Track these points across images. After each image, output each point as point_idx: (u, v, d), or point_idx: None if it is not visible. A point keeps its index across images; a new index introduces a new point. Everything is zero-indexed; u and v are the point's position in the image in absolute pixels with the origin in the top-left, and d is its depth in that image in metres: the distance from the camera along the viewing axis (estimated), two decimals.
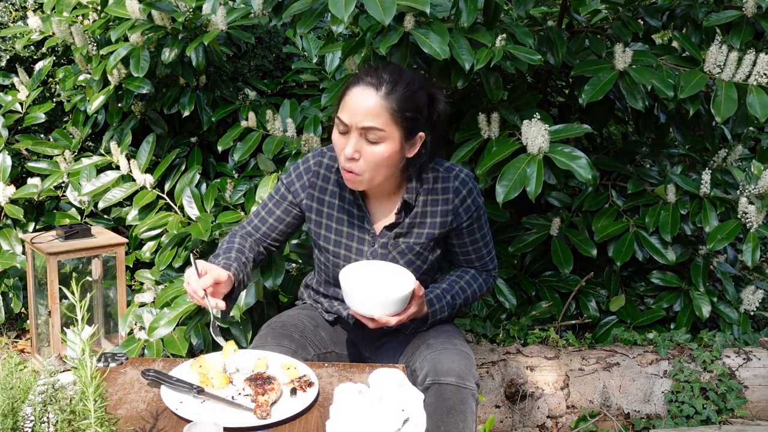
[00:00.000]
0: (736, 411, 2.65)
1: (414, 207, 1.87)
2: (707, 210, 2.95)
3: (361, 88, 1.73)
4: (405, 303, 1.72)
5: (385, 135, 1.72)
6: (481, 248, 1.98)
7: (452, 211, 1.88)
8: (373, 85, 1.72)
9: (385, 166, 1.76)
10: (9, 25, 3.77)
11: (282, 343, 1.87)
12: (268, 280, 2.52)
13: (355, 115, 1.72)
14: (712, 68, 2.73)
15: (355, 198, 1.88)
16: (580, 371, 2.73)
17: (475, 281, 1.98)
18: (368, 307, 1.69)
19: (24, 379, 1.28)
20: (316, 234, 1.94)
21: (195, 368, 1.67)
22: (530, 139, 2.59)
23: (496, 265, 2.04)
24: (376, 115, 1.71)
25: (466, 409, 1.73)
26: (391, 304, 1.69)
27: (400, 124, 1.73)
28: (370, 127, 1.71)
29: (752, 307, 3.15)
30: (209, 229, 2.86)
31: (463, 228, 1.92)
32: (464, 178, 1.89)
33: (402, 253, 1.89)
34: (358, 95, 1.73)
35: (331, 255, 1.93)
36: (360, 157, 1.74)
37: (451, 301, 1.90)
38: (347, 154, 1.73)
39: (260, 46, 4.04)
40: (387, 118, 1.71)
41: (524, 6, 2.77)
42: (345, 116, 1.74)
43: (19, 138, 3.65)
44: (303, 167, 1.93)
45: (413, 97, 1.75)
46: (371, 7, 2.20)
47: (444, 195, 1.88)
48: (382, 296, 1.69)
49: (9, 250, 3.20)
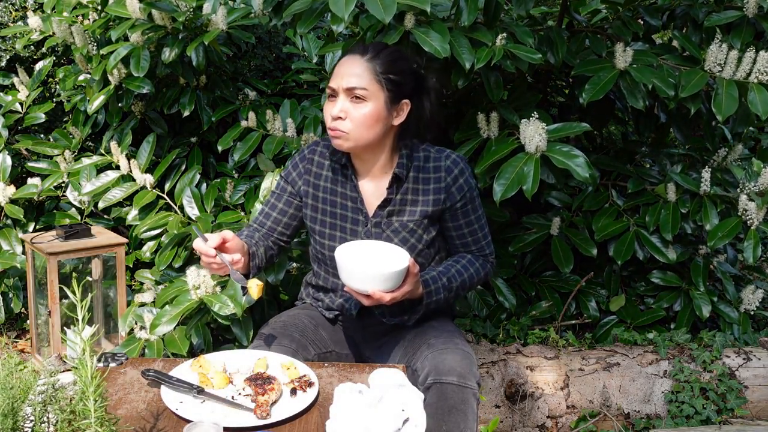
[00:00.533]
0: (736, 411, 2.65)
1: (405, 182, 1.91)
2: (707, 208, 2.95)
3: (348, 57, 1.86)
4: (400, 279, 1.73)
5: (368, 94, 1.82)
6: (477, 231, 1.99)
7: (445, 189, 1.92)
8: (359, 52, 1.86)
9: (369, 126, 1.84)
10: (9, 25, 3.77)
11: (282, 342, 1.87)
12: (270, 276, 2.54)
13: (341, 78, 1.83)
14: (713, 67, 2.73)
15: (347, 180, 1.94)
16: (580, 371, 2.73)
17: (472, 266, 1.98)
18: (363, 282, 1.70)
19: (24, 379, 1.28)
20: (312, 219, 1.98)
21: (195, 368, 1.67)
22: (528, 138, 2.59)
23: (492, 250, 2.05)
24: (359, 75, 1.82)
25: (468, 409, 1.73)
26: (385, 280, 1.69)
27: (383, 84, 1.83)
28: (354, 87, 1.81)
29: (752, 306, 3.15)
30: (209, 229, 2.86)
31: (457, 208, 1.94)
32: (456, 158, 1.95)
33: (395, 231, 1.92)
34: (344, 62, 1.86)
35: (327, 239, 1.96)
36: (346, 117, 1.83)
37: (447, 283, 1.90)
38: (333, 113, 1.83)
39: (260, 46, 4.04)
40: (370, 78, 1.82)
41: (524, 5, 2.77)
42: (333, 82, 1.85)
43: (19, 138, 3.65)
44: (298, 157, 2.01)
45: (397, 62, 1.86)
46: (372, 6, 2.21)
47: (436, 173, 1.92)
48: (377, 271, 1.69)
49: (9, 250, 3.20)
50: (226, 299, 2.53)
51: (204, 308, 2.59)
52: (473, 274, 1.97)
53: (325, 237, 1.96)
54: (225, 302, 2.53)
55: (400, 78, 1.85)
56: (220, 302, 2.53)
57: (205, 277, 2.59)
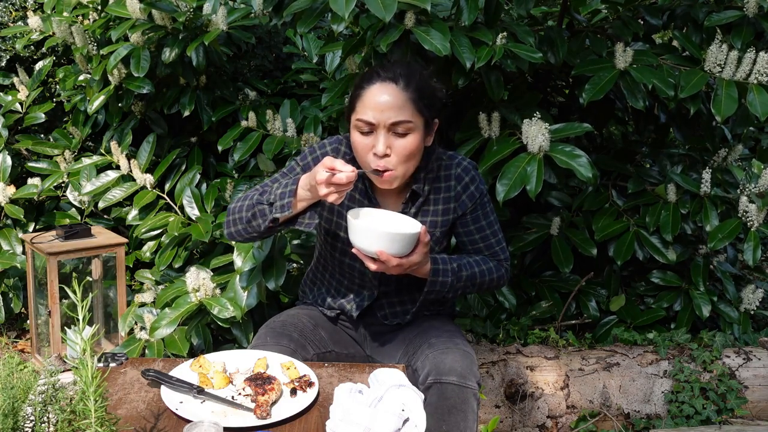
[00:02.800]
0: (736, 411, 2.65)
1: (420, 196, 1.89)
2: (708, 209, 2.95)
3: (379, 85, 1.75)
4: (410, 246, 1.69)
5: (412, 126, 1.75)
6: (489, 236, 1.96)
7: (454, 198, 1.90)
8: (392, 80, 1.75)
9: (414, 157, 1.78)
10: (9, 25, 3.77)
11: (281, 342, 1.87)
12: (270, 282, 2.52)
13: (381, 113, 1.73)
14: (713, 67, 2.73)
15: (365, 188, 1.89)
16: (580, 371, 2.73)
17: (484, 263, 1.94)
18: (372, 241, 1.66)
19: (24, 379, 1.28)
20: (327, 220, 1.94)
21: (195, 368, 1.67)
22: (530, 138, 2.58)
23: (507, 256, 2.00)
24: (402, 108, 1.73)
25: (468, 409, 1.73)
26: (396, 242, 1.66)
27: (421, 112, 1.76)
28: (399, 121, 1.73)
29: (752, 306, 3.15)
30: (209, 230, 2.86)
31: (467, 215, 1.92)
32: (466, 165, 1.92)
33: None
34: (378, 92, 1.75)
35: (340, 242, 1.93)
36: (391, 153, 1.75)
37: (456, 269, 1.85)
38: (380, 151, 1.74)
39: (260, 46, 4.03)
40: (411, 109, 1.74)
41: (525, 5, 2.77)
42: (369, 115, 1.74)
43: (19, 138, 3.65)
44: (320, 151, 1.93)
45: (427, 84, 1.80)
46: (372, 5, 2.21)
47: (446, 182, 1.90)
48: (387, 230, 1.67)
49: (9, 250, 3.20)
50: (226, 302, 2.53)
51: (204, 309, 2.59)
52: (485, 271, 1.93)
53: (339, 240, 1.94)
54: (224, 305, 2.52)
55: (433, 101, 1.80)
56: (219, 305, 2.53)
57: (205, 279, 2.59)
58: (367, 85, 1.77)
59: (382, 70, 1.78)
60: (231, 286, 2.61)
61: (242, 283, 2.58)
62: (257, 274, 2.56)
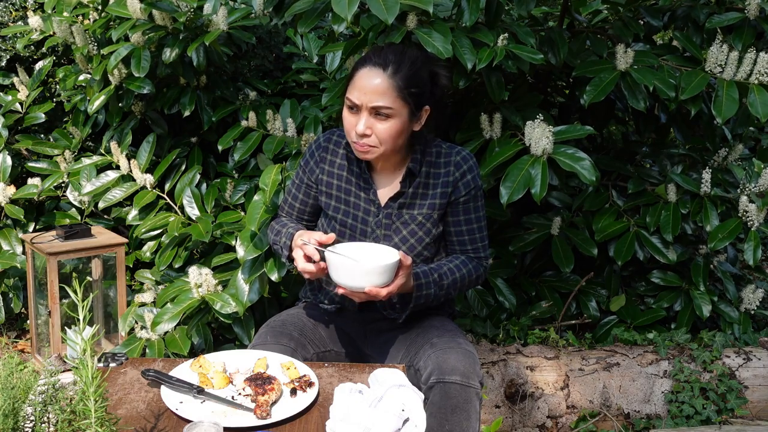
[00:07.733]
0: (736, 411, 2.65)
1: (417, 177, 1.94)
2: (708, 209, 2.95)
3: (369, 69, 1.85)
4: (392, 273, 1.73)
5: (393, 112, 1.83)
6: (475, 231, 2.00)
7: (452, 183, 1.95)
8: (380, 65, 1.83)
9: (394, 139, 1.86)
10: (9, 24, 3.77)
11: (281, 341, 1.87)
12: (273, 273, 2.53)
13: (365, 95, 1.82)
14: (713, 68, 2.73)
15: (361, 171, 1.96)
16: (580, 371, 2.73)
17: (465, 266, 1.99)
18: (359, 278, 1.69)
19: (24, 379, 1.28)
20: (326, 205, 2.02)
21: (195, 368, 1.67)
22: (534, 140, 2.58)
23: (488, 254, 2.06)
24: (384, 94, 1.82)
25: (470, 408, 1.73)
26: (380, 274, 1.69)
27: (406, 100, 1.83)
28: (380, 106, 1.82)
29: (753, 306, 3.15)
30: (210, 230, 2.85)
31: (459, 202, 1.96)
32: (466, 155, 1.99)
33: (405, 224, 1.95)
34: (366, 76, 1.84)
35: (338, 224, 1.99)
36: (371, 133, 1.84)
37: (438, 279, 1.91)
38: (359, 130, 1.84)
39: (260, 46, 4.03)
40: (394, 96, 1.82)
41: (526, 6, 2.77)
42: (355, 96, 1.85)
43: (19, 138, 3.65)
44: (314, 146, 2.05)
45: (417, 73, 1.86)
46: (374, 6, 2.20)
47: (446, 168, 1.96)
48: (369, 266, 1.70)
49: (9, 250, 3.20)
50: (228, 298, 2.53)
51: (205, 308, 2.59)
52: (465, 275, 1.98)
53: (337, 222, 1.99)
54: (227, 301, 2.53)
55: (421, 89, 1.87)
56: (221, 301, 2.53)
57: (207, 275, 2.59)
58: (360, 66, 1.87)
59: (375, 54, 1.87)
60: (233, 283, 2.62)
61: (244, 274, 2.59)
62: (260, 265, 2.57)
